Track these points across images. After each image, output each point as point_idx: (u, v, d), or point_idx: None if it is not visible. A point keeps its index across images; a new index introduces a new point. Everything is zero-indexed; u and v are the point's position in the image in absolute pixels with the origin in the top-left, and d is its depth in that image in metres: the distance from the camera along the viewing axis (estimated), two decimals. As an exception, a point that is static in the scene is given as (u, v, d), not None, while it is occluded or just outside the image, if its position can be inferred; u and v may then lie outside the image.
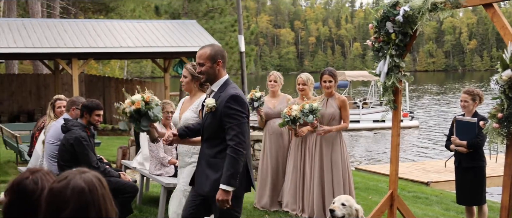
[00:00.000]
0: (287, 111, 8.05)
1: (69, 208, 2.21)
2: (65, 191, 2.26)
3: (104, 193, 2.35)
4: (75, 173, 2.36)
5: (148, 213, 8.48)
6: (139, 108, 5.47)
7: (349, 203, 5.64)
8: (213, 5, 25.54)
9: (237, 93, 4.93)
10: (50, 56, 19.67)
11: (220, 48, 5.14)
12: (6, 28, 19.20)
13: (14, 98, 22.46)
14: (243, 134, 4.83)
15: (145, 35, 20.14)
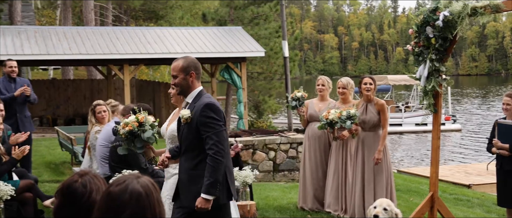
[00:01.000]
0: (325, 114, 8.06)
1: (127, 211, 2.23)
2: (124, 195, 2.28)
3: (158, 197, 2.37)
4: (132, 178, 2.38)
5: (195, 212, 8.55)
6: (132, 129, 5.46)
7: (390, 208, 5.58)
8: (258, 12, 25.53)
9: (211, 102, 4.85)
10: (103, 62, 19.96)
11: (193, 60, 5.02)
12: (62, 36, 19.56)
13: (69, 102, 22.89)
14: (221, 143, 4.74)
15: (192, 42, 20.27)
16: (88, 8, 28.33)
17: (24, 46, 18.30)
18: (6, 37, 18.74)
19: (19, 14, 24.54)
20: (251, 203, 7.64)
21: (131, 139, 5.50)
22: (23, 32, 19.59)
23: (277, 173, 12.65)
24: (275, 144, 12.71)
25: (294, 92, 9.03)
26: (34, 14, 30.54)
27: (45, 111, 22.68)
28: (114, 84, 22.87)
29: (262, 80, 25.66)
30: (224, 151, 4.75)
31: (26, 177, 7.97)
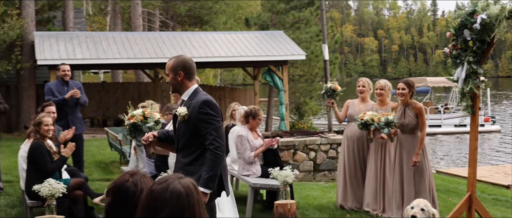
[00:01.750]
0: (361, 115, 8.04)
1: (166, 209, 2.24)
2: (165, 193, 2.29)
3: (198, 198, 2.37)
4: (174, 177, 2.40)
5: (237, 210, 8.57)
6: (135, 122, 5.45)
7: (427, 208, 5.49)
8: (299, 16, 25.48)
9: (208, 98, 4.81)
10: (150, 66, 20.20)
11: (183, 60, 4.96)
12: (112, 41, 19.87)
13: (118, 104, 23.17)
14: (221, 138, 4.70)
15: (236, 45, 20.35)
16: (136, 14, 28.68)
17: (76, 51, 18.65)
18: (60, 42, 19.13)
19: (71, 21, 24.99)
20: (291, 202, 7.62)
21: (133, 131, 5.48)
22: (75, 37, 19.96)
23: (317, 173, 12.61)
24: (315, 145, 12.68)
25: (327, 83, 9.12)
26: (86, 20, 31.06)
27: (96, 113, 23.04)
28: (160, 87, 23.10)
29: (303, 83, 25.61)
30: (224, 146, 4.71)
31: (77, 175, 8.13)
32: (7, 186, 9.96)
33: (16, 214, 8.26)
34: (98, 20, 45.14)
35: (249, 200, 8.19)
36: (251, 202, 8.23)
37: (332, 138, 12.92)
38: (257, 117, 8.60)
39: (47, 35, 19.88)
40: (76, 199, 7.31)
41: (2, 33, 18.80)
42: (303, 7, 25.98)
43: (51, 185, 6.72)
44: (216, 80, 47.82)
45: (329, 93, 8.93)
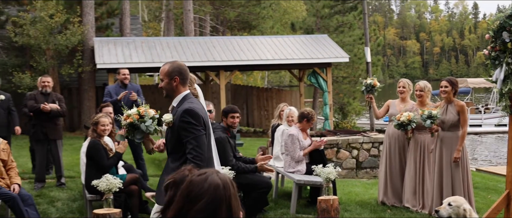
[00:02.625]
0: (398, 116, 7.98)
1: (203, 200, 2.26)
2: (203, 184, 2.30)
3: (234, 193, 2.37)
4: (213, 171, 2.42)
5: (282, 205, 8.58)
6: (132, 121, 5.35)
7: (456, 204, 5.29)
8: (343, 20, 25.35)
9: (190, 107, 4.58)
10: (201, 68, 20.35)
11: (179, 66, 4.78)
12: (166, 45, 20.12)
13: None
14: (200, 147, 4.49)
15: (282, 49, 20.34)
16: (188, 20, 28.94)
17: (132, 55, 18.94)
18: (117, 47, 19.46)
19: (128, 27, 25.39)
20: (333, 197, 7.60)
21: (132, 131, 5.39)
22: (132, 42, 20.27)
23: (360, 170, 12.52)
24: (358, 144, 12.59)
25: (367, 78, 9.07)
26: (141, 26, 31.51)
27: (151, 113, 23.35)
28: (211, 88, 23.26)
29: (346, 84, 25.46)
30: (203, 155, 4.50)
31: (133, 171, 8.25)
32: (69, 181, 10.19)
33: (77, 207, 8.44)
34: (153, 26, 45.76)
35: (293, 196, 8.19)
36: (295, 198, 8.23)
37: (374, 137, 12.80)
38: (312, 120, 8.62)
39: (106, 40, 20.25)
40: (131, 193, 7.42)
41: (65, 39, 19.22)
42: (346, 11, 25.83)
43: (109, 180, 6.86)
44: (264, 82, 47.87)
45: (369, 88, 8.89)
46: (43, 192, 9.29)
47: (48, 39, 19.18)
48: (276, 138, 9.30)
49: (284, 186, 10.03)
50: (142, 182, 7.86)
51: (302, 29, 26.20)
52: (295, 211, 8.11)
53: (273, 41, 21.29)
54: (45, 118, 9.65)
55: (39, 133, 9.73)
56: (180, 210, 2.27)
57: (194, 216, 2.24)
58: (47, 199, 8.85)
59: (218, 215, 2.27)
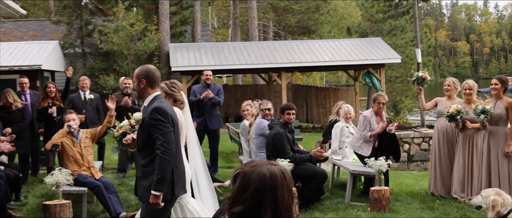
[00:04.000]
0: (447, 109, 7.81)
1: (250, 189, 2.29)
2: (252, 175, 2.33)
3: (283, 184, 2.36)
4: (265, 163, 2.43)
5: (337, 195, 8.52)
6: (124, 131, 5.30)
7: (485, 194, 5.16)
8: (395, 24, 24.87)
9: (159, 106, 4.47)
10: (264, 70, 20.42)
11: (147, 69, 4.68)
12: (233, 49, 20.29)
13: (238, 103, 23.54)
14: (168, 143, 4.36)
15: (338, 51, 20.16)
16: (253, 26, 29.08)
17: (203, 59, 19.20)
18: (189, 52, 19.77)
19: (199, 33, 25.75)
20: (385, 188, 7.49)
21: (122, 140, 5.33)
22: (202, 47, 20.54)
23: (411, 163, 12.26)
24: (409, 138, 12.34)
25: (418, 71, 8.93)
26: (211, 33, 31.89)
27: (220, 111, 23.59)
28: (273, 88, 23.29)
29: (399, 83, 24.98)
30: (171, 150, 4.37)
31: (202, 163, 8.35)
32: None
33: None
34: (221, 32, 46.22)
35: (348, 186, 8.12)
36: (350, 188, 8.15)
37: (425, 132, 12.52)
38: (376, 101, 8.46)
39: (179, 46, 20.60)
40: (201, 183, 7.49)
41: (143, 45, 19.68)
42: (399, 16, 25.35)
43: (180, 171, 6.97)
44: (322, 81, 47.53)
45: (419, 81, 8.72)
46: (124, 181, 9.52)
47: (129, 45, 19.69)
48: (333, 133, 9.23)
49: (339, 177, 9.95)
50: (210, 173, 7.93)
51: (357, 32, 25.87)
52: (349, 200, 8.04)
53: (330, 44, 21.11)
54: (126, 116, 9.87)
55: (121, 129, 9.97)
56: (235, 198, 2.29)
57: (243, 203, 2.26)
58: (127, 188, 9.05)
59: (262, 203, 2.27)
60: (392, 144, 8.39)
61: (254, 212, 2.28)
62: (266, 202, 2.29)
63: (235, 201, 2.30)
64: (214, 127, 10.03)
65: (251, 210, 2.26)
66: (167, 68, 19.98)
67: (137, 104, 9.91)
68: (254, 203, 2.27)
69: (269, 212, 2.29)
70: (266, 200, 2.30)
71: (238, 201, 2.28)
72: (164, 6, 21.10)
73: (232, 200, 2.32)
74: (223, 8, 44.72)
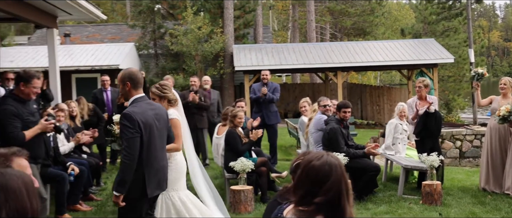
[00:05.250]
0: (497, 112, 7.50)
1: (330, 180, 2.25)
2: (325, 167, 2.28)
3: (344, 172, 2.35)
4: (324, 153, 2.38)
5: (390, 188, 8.37)
6: None
7: None
8: (448, 25, 24.11)
9: (127, 111, 4.28)
10: (321, 69, 20.30)
11: (129, 72, 4.47)
12: (291, 50, 20.27)
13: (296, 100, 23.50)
14: (129, 148, 4.20)
15: (392, 52, 19.77)
16: (311, 28, 28.94)
17: (264, 59, 19.27)
18: (252, 52, 19.89)
19: (261, 35, 25.85)
20: (437, 182, 7.30)
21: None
22: (264, 48, 20.62)
23: (463, 159, 11.89)
24: (461, 135, 11.97)
25: (477, 68, 8.64)
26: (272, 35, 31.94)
27: (279, 107, 23.56)
28: (330, 86, 23.11)
29: (451, 82, 24.21)
30: (132, 155, 4.21)
31: (262, 155, 8.39)
32: (212, 163, 10.56)
33: (218, 184, 8.70)
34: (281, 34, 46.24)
35: (401, 179, 7.96)
36: (403, 181, 7.98)
37: (477, 129, 12.10)
38: (428, 87, 8.30)
39: (243, 47, 20.76)
40: (261, 174, 7.53)
41: (210, 46, 19.96)
42: (452, 17, 24.57)
43: (243, 162, 7.04)
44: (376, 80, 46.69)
45: (478, 77, 8.44)
46: (191, 171, 9.67)
47: (197, 47, 20.02)
48: (387, 130, 9.10)
49: (392, 171, 9.77)
50: (270, 165, 7.97)
51: (411, 34, 25.26)
52: (402, 193, 7.87)
53: (384, 45, 20.74)
54: (194, 111, 10.05)
55: (190, 123, 10.11)
56: (308, 191, 2.26)
57: (325, 194, 2.22)
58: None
59: (342, 189, 2.25)
60: (434, 125, 8.12)
61: (335, 200, 2.25)
62: (344, 188, 2.27)
63: (310, 195, 2.26)
64: (271, 122, 10.05)
65: (332, 199, 2.23)
66: (231, 67, 20.17)
67: (204, 100, 10.06)
68: (335, 192, 2.24)
69: (345, 199, 2.27)
70: (343, 186, 2.28)
71: (317, 194, 2.24)
72: (228, 11, 21.31)
73: (304, 194, 2.28)
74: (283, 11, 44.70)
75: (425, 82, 8.33)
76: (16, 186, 2.07)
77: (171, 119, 5.03)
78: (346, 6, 32.81)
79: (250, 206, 6.98)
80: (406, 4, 49.15)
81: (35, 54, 19.57)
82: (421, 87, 8.25)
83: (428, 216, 6.73)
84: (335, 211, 2.24)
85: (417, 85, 8.31)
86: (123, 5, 38.89)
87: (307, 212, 2.24)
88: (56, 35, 9.00)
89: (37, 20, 8.05)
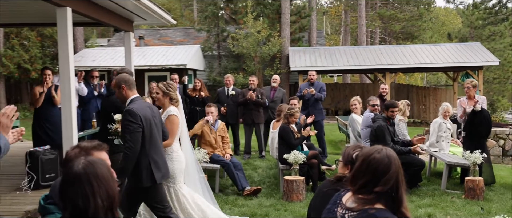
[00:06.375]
0: None
1: (391, 170, 2.24)
2: (385, 159, 2.27)
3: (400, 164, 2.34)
4: (381, 147, 2.36)
5: (434, 183, 8.15)
6: None
7: None
8: (494, 30, 23.14)
9: (130, 108, 4.29)
10: (371, 71, 19.94)
11: (122, 77, 4.47)
12: (343, 52, 20.04)
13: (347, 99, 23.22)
14: (132, 141, 4.21)
15: (439, 54, 19.17)
16: (361, 33, 28.48)
17: (317, 61, 19.15)
18: (306, 55, 19.81)
19: (314, 39, 25.68)
20: (479, 178, 7.04)
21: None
22: (317, 51, 20.49)
23: (505, 157, 11.39)
24: (504, 134, 11.47)
25: None
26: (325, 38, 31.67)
27: (330, 105, 23.40)
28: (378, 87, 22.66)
29: (496, 84, 23.24)
30: (134, 148, 4.24)
31: (313, 148, 8.36)
32: (267, 154, 10.60)
33: (272, 174, 8.77)
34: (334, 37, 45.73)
35: (444, 175, 7.73)
36: (446, 177, 7.75)
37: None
38: (476, 87, 8.05)
39: (297, 49, 20.70)
40: (312, 165, 7.51)
41: (267, 49, 20.03)
42: (498, 22, 23.58)
43: (296, 155, 7.05)
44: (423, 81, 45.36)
45: None
46: (249, 161, 9.75)
47: (256, 49, 20.13)
48: (432, 128, 8.86)
49: (436, 167, 9.49)
50: (320, 158, 7.94)
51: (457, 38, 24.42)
52: (445, 187, 7.64)
53: (431, 48, 20.13)
54: (252, 107, 10.11)
55: (248, 118, 10.22)
56: (368, 181, 2.25)
57: (385, 184, 2.22)
58: (251, 166, 9.28)
59: (399, 180, 2.24)
60: (484, 120, 7.78)
61: (394, 190, 2.24)
62: (401, 178, 2.27)
63: (370, 185, 2.26)
64: (317, 118, 9.97)
65: (391, 189, 2.23)
66: (287, 68, 20.16)
67: (260, 98, 10.10)
68: (394, 181, 2.24)
69: (402, 190, 2.26)
70: (401, 175, 2.28)
71: (377, 184, 2.24)
72: (285, 16, 21.30)
73: (365, 183, 2.25)
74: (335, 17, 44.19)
75: (474, 83, 8.06)
76: (105, 172, 2.08)
77: (170, 115, 5.02)
78: (395, 12, 32.05)
79: (302, 195, 6.99)
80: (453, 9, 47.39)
81: (113, 54, 20.30)
82: (470, 87, 7.98)
83: (470, 209, 6.51)
84: (393, 200, 2.23)
85: (466, 86, 8.04)
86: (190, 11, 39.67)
87: (366, 200, 2.24)
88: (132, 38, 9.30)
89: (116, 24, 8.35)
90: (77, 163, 2.07)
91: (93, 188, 2.01)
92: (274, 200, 7.05)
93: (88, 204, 1.99)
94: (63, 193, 2.06)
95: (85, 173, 2.03)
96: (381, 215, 2.19)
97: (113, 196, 2.07)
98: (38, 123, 7.34)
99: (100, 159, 2.17)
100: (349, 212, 2.29)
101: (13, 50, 21.08)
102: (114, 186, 2.10)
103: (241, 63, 21.63)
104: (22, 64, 20.83)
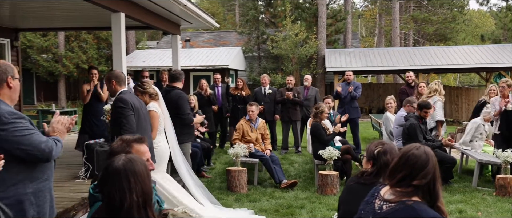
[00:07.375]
0: None
1: (429, 165, 2.24)
2: (423, 155, 2.27)
3: (436, 160, 2.32)
4: (420, 144, 2.37)
5: (465, 180, 7.90)
6: None
7: None
8: (528, 31, 22.23)
9: (120, 96, 4.55)
10: (404, 71, 19.50)
11: (114, 72, 4.71)
12: (377, 54, 19.72)
13: (380, 98, 22.88)
14: (128, 123, 4.40)
15: (471, 56, 18.57)
16: (395, 34, 27.93)
17: (352, 62, 18.91)
18: (341, 56, 19.59)
19: (350, 41, 25.36)
20: (510, 176, 6.78)
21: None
22: (352, 52, 20.24)
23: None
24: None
25: None
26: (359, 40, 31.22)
27: (364, 104, 23.07)
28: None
29: (529, 84, 22.24)
30: (131, 128, 4.41)
31: (346, 143, 8.26)
32: (303, 150, 10.57)
33: (308, 168, 8.73)
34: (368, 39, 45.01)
35: (475, 172, 7.48)
36: (477, 174, 7.50)
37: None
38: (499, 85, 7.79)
39: (333, 51, 20.51)
40: (346, 160, 7.44)
41: (305, 50, 19.93)
42: (532, 24, 22.58)
43: (330, 150, 6.99)
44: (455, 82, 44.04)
45: None
46: (286, 156, 9.75)
47: (294, 50, 20.07)
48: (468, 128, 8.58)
49: (467, 164, 9.19)
50: (353, 152, 7.84)
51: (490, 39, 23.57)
52: (476, 185, 7.40)
53: (464, 49, 19.53)
54: (289, 105, 10.09)
55: (285, 116, 10.22)
56: (406, 175, 2.24)
57: (423, 177, 2.22)
58: (288, 161, 9.27)
59: (436, 175, 2.25)
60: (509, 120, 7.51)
61: (431, 184, 2.24)
62: (437, 173, 2.27)
63: (409, 178, 2.24)
64: (352, 116, 9.84)
65: (428, 183, 2.23)
66: (323, 68, 20.00)
67: (297, 96, 10.06)
68: (432, 175, 2.24)
69: (439, 185, 2.26)
70: (437, 171, 2.28)
71: (415, 178, 2.23)
72: (322, 19, 21.13)
73: (403, 176, 2.25)
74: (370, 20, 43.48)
75: (509, 82, 7.79)
76: (142, 170, 2.09)
77: (150, 110, 5.06)
78: (429, 14, 31.24)
79: (336, 189, 6.93)
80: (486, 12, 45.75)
81: (162, 56, 20.69)
82: (505, 87, 7.73)
83: (501, 206, 6.28)
84: (430, 193, 2.23)
85: (501, 85, 7.79)
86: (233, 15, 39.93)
87: (404, 193, 2.24)
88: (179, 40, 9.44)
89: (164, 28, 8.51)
90: (118, 159, 2.10)
91: (130, 184, 2.02)
92: (309, 193, 7.01)
93: (124, 199, 2.01)
94: (103, 185, 2.09)
95: (124, 169, 2.05)
96: (418, 207, 2.17)
97: (147, 193, 2.07)
98: (86, 117, 7.73)
99: (139, 157, 2.19)
100: (387, 204, 2.28)
101: (72, 51, 21.82)
102: (149, 184, 2.10)
103: (279, 64, 21.62)
104: (80, 65, 21.53)
